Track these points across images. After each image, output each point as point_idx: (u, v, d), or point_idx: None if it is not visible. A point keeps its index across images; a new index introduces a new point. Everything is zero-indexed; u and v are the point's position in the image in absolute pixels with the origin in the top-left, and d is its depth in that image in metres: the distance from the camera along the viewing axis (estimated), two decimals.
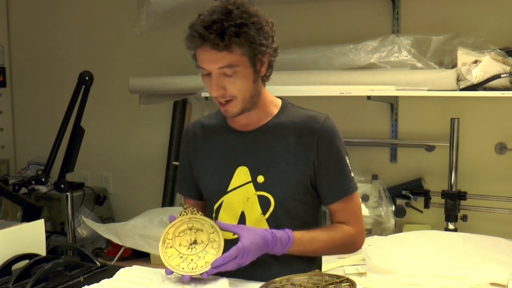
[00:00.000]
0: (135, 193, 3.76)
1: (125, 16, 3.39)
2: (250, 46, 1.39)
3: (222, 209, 1.53)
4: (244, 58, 1.40)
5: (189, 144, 1.63)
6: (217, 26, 1.35)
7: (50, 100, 3.97)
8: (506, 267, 2.07)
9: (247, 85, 1.44)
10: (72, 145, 2.65)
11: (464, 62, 2.40)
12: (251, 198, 1.49)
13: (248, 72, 1.42)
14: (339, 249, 1.56)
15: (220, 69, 1.40)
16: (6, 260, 1.52)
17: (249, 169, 1.50)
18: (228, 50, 1.37)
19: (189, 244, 1.39)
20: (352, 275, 2.15)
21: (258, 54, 1.42)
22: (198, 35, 1.38)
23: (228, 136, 1.56)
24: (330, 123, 1.51)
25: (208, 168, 1.57)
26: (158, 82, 3.25)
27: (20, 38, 4.14)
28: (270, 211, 1.49)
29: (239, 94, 1.43)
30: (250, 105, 1.48)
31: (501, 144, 2.73)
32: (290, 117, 1.53)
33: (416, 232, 2.47)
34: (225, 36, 1.35)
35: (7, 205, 3.48)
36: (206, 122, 1.63)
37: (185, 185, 1.68)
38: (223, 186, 1.53)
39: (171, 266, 1.36)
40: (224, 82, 1.41)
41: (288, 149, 1.49)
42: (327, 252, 1.57)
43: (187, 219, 1.43)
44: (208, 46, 1.37)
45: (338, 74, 2.71)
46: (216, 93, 1.43)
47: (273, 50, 1.46)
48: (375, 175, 2.78)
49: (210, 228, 1.40)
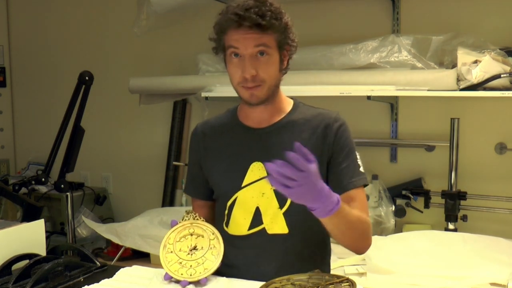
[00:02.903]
0: (135, 193, 3.76)
1: (125, 16, 3.39)
2: (283, 32, 1.46)
3: (236, 204, 1.53)
4: (275, 44, 1.45)
5: (198, 144, 1.63)
6: (256, 10, 1.41)
7: (50, 100, 3.97)
8: (506, 267, 2.08)
9: (276, 72, 1.48)
10: (72, 145, 2.65)
11: (464, 62, 2.40)
12: (266, 192, 1.50)
13: (276, 58, 1.47)
14: (360, 234, 1.45)
15: (256, 48, 1.42)
16: (6, 260, 1.52)
17: (264, 164, 1.50)
18: (265, 32, 1.42)
19: (189, 250, 1.40)
20: (352, 275, 2.15)
21: (286, 45, 1.48)
22: (236, 16, 1.41)
23: (241, 133, 1.57)
24: (342, 118, 1.55)
25: (221, 166, 1.57)
26: (158, 82, 3.25)
27: (20, 38, 4.14)
28: (287, 205, 1.49)
29: (268, 79, 1.46)
30: (272, 95, 1.51)
31: (501, 144, 2.72)
32: (302, 114, 1.56)
33: (416, 232, 2.47)
34: (265, 17, 1.41)
35: (7, 205, 3.47)
36: (215, 121, 1.64)
37: (193, 186, 1.68)
38: (237, 182, 1.53)
39: (170, 271, 1.37)
40: (257, 65, 1.44)
41: (302, 144, 1.49)
42: (353, 234, 1.43)
43: (189, 225, 1.43)
44: (247, 26, 1.41)
45: (338, 74, 2.71)
46: (249, 74, 1.43)
47: (295, 46, 1.51)
48: (375, 175, 2.78)
49: (211, 235, 1.41)
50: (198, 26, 3.41)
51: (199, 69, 3.16)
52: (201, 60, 3.14)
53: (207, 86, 2.94)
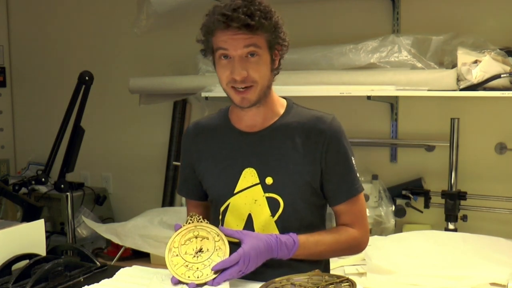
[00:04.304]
0: (135, 193, 3.76)
1: (125, 16, 3.39)
2: (273, 32, 1.43)
3: (228, 211, 1.52)
4: (265, 44, 1.42)
5: (190, 145, 1.61)
6: (244, 10, 1.38)
7: (50, 100, 3.97)
8: (506, 267, 2.08)
9: (267, 72, 1.45)
10: (72, 145, 2.65)
11: (464, 62, 2.40)
12: (259, 200, 1.48)
13: (267, 59, 1.44)
14: (344, 251, 1.56)
15: (245, 49, 1.39)
16: (6, 260, 1.52)
17: (256, 170, 1.48)
18: (254, 32, 1.39)
19: (194, 252, 1.39)
20: (352, 275, 2.14)
21: (277, 44, 1.45)
22: (224, 16, 1.38)
23: (233, 137, 1.54)
24: (337, 123, 1.51)
25: (213, 170, 1.55)
26: (158, 82, 3.25)
27: (20, 38, 4.14)
28: (279, 212, 1.48)
29: (260, 79, 1.43)
30: (263, 97, 1.47)
31: (501, 144, 2.72)
32: (296, 117, 1.52)
33: (416, 232, 2.47)
34: (254, 17, 1.37)
35: (7, 205, 3.48)
36: (207, 122, 1.61)
37: (186, 187, 1.66)
38: (229, 188, 1.51)
39: (177, 274, 1.37)
40: (247, 66, 1.41)
41: (296, 150, 1.48)
42: (332, 255, 1.57)
43: (193, 227, 1.43)
44: (236, 27, 1.38)
45: (338, 74, 2.71)
46: (239, 76, 1.40)
47: (286, 46, 1.48)
48: (375, 175, 2.78)
49: (216, 236, 1.40)
50: (198, 26, 3.40)
51: (199, 69, 3.16)
52: (201, 60, 3.13)
53: (207, 86, 2.94)
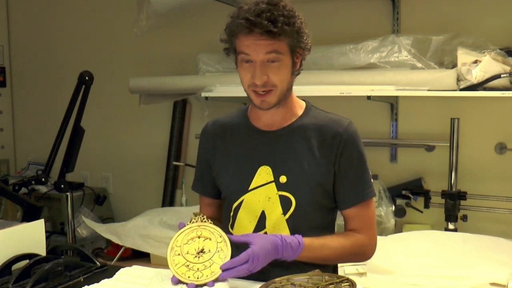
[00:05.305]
0: (135, 193, 3.76)
1: (125, 16, 3.39)
2: (296, 37, 1.43)
3: (242, 207, 1.53)
4: (287, 49, 1.43)
5: (208, 143, 1.62)
6: (267, 15, 1.38)
7: (50, 100, 3.97)
8: (506, 267, 2.08)
9: (287, 76, 1.45)
10: (72, 145, 2.65)
11: (464, 62, 2.40)
12: (272, 197, 1.49)
13: (288, 63, 1.44)
14: (349, 257, 1.55)
15: (267, 55, 1.40)
16: (6, 260, 1.52)
17: (271, 168, 1.50)
18: (277, 38, 1.39)
19: (196, 252, 1.39)
20: (352, 275, 2.14)
21: (299, 48, 1.45)
22: (247, 22, 1.38)
23: (251, 135, 1.55)
24: (353, 127, 1.53)
25: (229, 167, 1.56)
26: (158, 82, 3.25)
27: (20, 38, 4.14)
28: (290, 211, 1.49)
29: (280, 83, 1.44)
30: (283, 99, 1.48)
31: (501, 144, 2.73)
32: (313, 119, 1.53)
33: (416, 232, 2.47)
34: (277, 24, 1.38)
35: (7, 205, 3.48)
36: (225, 121, 1.62)
37: (202, 183, 1.67)
38: (244, 184, 1.52)
39: (177, 274, 1.36)
40: (268, 70, 1.42)
41: (311, 151, 1.49)
42: (337, 260, 1.56)
43: (196, 227, 1.42)
44: (258, 33, 1.38)
45: (338, 74, 2.71)
46: (260, 81, 1.41)
47: (308, 49, 1.49)
48: (375, 175, 2.78)
49: (218, 237, 1.40)
50: (198, 26, 3.43)
51: (199, 69, 3.16)
52: (201, 60, 3.14)
53: (207, 86, 2.94)
